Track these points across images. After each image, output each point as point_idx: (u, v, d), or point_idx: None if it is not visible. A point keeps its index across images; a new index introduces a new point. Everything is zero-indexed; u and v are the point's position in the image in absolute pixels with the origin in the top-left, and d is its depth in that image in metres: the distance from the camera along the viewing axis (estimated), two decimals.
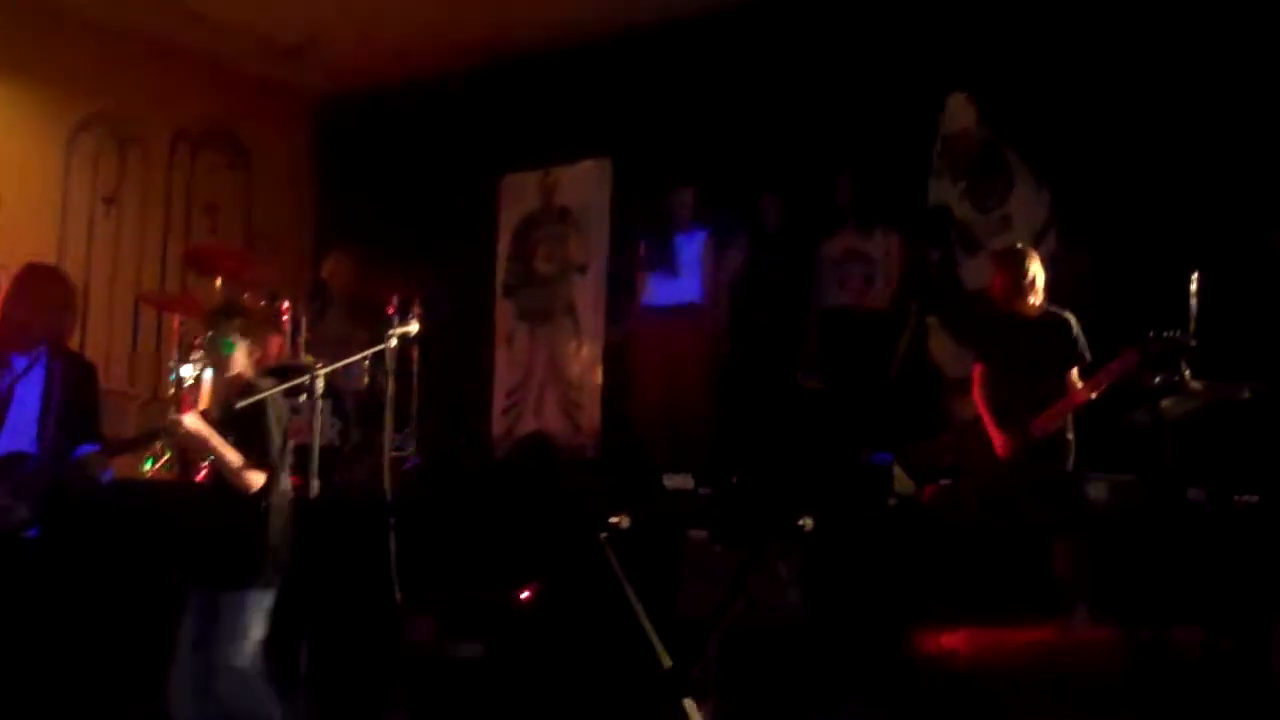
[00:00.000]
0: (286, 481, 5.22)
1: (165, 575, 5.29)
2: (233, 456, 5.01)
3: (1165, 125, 7.37)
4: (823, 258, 8.38)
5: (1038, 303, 6.43)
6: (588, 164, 10.04)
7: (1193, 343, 5.70)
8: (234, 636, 4.95)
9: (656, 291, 8.59)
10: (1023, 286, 6.38)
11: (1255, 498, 5.80)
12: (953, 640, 5.29)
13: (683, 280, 8.48)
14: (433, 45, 9.95)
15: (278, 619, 5.08)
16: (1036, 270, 6.42)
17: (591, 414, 9.70)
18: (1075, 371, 6.26)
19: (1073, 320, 6.36)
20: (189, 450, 6.72)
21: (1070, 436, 6.32)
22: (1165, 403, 5.71)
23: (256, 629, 5.00)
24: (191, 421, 5.03)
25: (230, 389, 5.18)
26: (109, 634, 6.32)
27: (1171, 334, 5.74)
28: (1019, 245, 6.73)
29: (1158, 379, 5.72)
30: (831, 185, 8.36)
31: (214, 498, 5.22)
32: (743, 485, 6.74)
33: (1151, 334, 5.80)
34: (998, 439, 6.34)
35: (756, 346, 8.43)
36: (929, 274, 8.26)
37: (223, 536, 5.07)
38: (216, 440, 5.02)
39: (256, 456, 5.04)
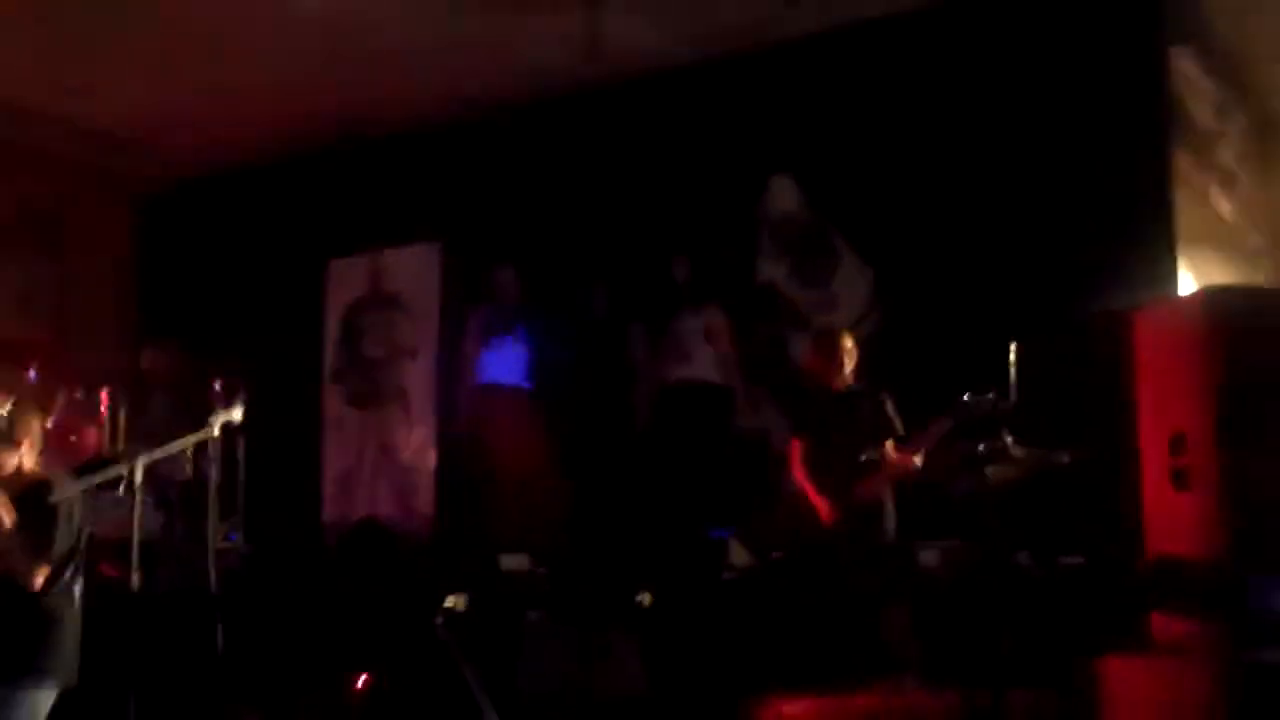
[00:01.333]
0: (78, 580, 5.07)
1: None
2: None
3: (986, 203, 7.60)
4: (670, 333, 8.49)
5: (850, 379, 6.62)
6: (417, 248, 10.02)
7: (1008, 404, 5.87)
8: None
9: (485, 370, 8.60)
10: (835, 365, 6.60)
11: (1079, 559, 5.99)
12: (791, 709, 5.32)
13: (510, 360, 8.50)
14: (256, 130, 9.85)
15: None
16: (849, 349, 6.65)
17: (425, 497, 9.61)
18: (890, 443, 6.40)
19: (886, 397, 6.55)
20: None
21: (890, 506, 6.45)
22: (989, 469, 5.86)
23: None
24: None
25: (15, 485, 5.02)
26: None
27: (984, 396, 5.91)
28: (833, 327, 6.99)
29: (981, 446, 5.87)
30: (666, 265, 8.48)
31: None
32: (579, 563, 6.74)
33: (965, 396, 5.97)
34: (821, 507, 6.43)
35: (590, 425, 8.46)
36: (757, 350, 8.40)
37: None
38: None
39: (40, 553, 4.90)
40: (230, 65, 8.76)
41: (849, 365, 6.62)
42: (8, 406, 6.74)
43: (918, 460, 6.22)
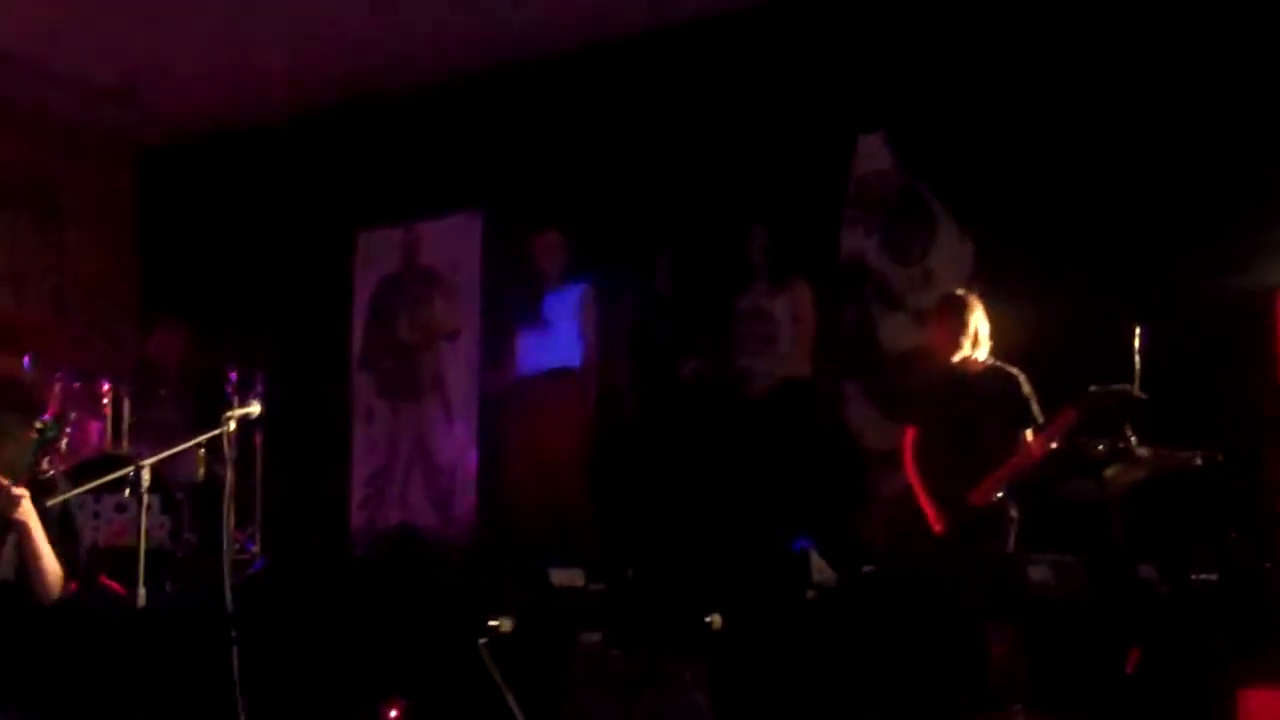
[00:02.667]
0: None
1: None
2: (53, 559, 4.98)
3: (1102, 165, 7.54)
4: (743, 314, 8.42)
5: (980, 357, 6.52)
6: (455, 218, 10.06)
7: (1141, 396, 5.81)
8: None
9: (528, 354, 8.52)
10: (963, 338, 6.49)
11: (1214, 576, 5.92)
12: None
13: (557, 341, 8.42)
14: (274, 84, 9.91)
15: None
16: (979, 320, 6.53)
17: (465, 502, 9.66)
18: (1029, 433, 6.32)
19: (1021, 377, 6.45)
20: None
21: (1014, 514, 6.40)
22: (1110, 472, 5.81)
23: None
24: (28, 505, 5.00)
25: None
26: None
27: (1115, 387, 5.85)
28: (959, 291, 6.84)
29: (1101, 446, 5.82)
30: (740, 238, 8.41)
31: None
32: (640, 579, 6.73)
33: (1093, 388, 5.90)
34: (932, 513, 6.40)
35: (651, 418, 8.44)
36: (843, 334, 8.35)
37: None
38: (41, 534, 4.98)
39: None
40: (245, 8, 8.79)
41: (981, 336, 6.52)
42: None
43: (1041, 455, 6.15)
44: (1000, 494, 6.31)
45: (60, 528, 5.17)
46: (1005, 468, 6.27)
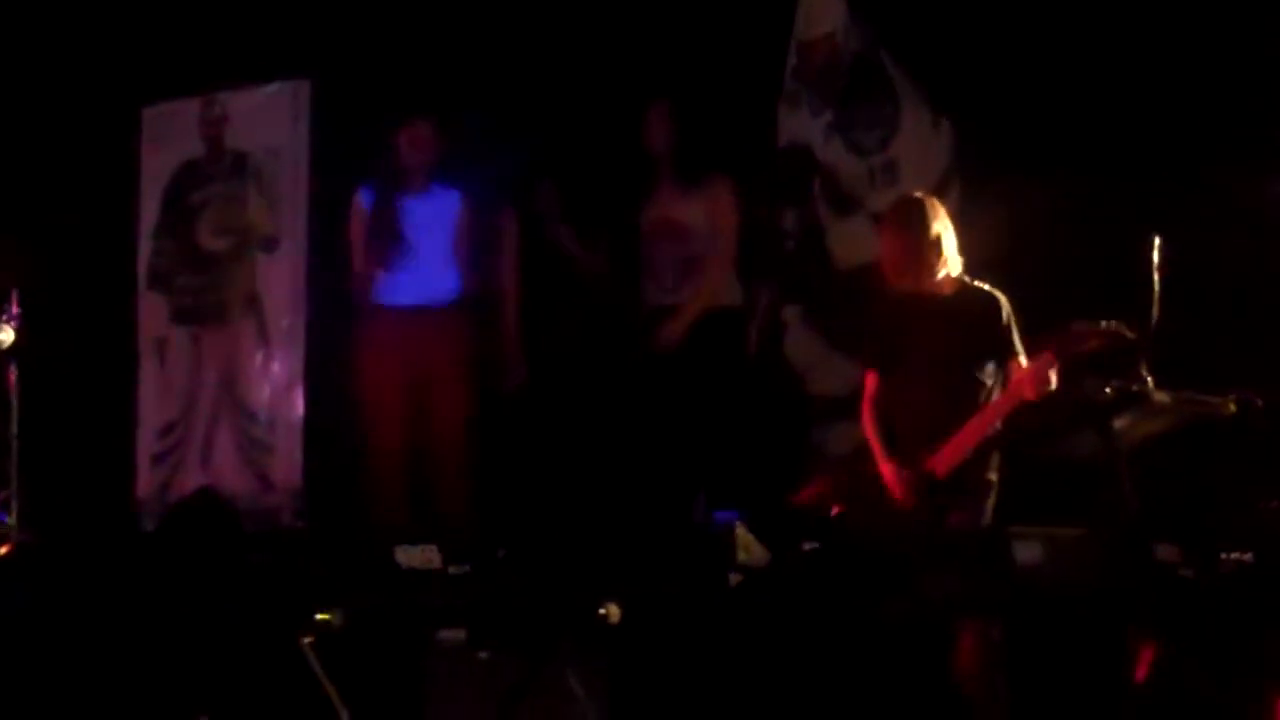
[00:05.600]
0: None
1: None
2: None
3: (1114, 31, 7.57)
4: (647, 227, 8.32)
5: (950, 275, 6.61)
6: (273, 88, 10.04)
7: (1134, 335, 5.89)
8: None
9: (383, 273, 8.48)
10: (925, 252, 6.56)
11: (1247, 555, 6.03)
12: None
13: (423, 262, 8.42)
14: None
15: None
16: (944, 228, 6.61)
17: (288, 460, 9.68)
18: (1016, 363, 6.42)
19: (1002, 300, 6.54)
20: None
21: (993, 477, 6.49)
22: (1120, 423, 5.88)
23: None
24: None
25: None
26: None
27: (1104, 324, 5.93)
28: (917, 195, 6.91)
29: (1109, 388, 5.89)
30: (637, 124, 8.33)
31: None
32: (515, 560, 6.77)
33: (1075, 326, 5.99)
34: (890, 477, 6.48)
35: (540, 363, 8.45)
36: (782, 245, 8.40)
37: None
38: None
39: None
40: None
41: (944, 252, 6.60)
42: None
43: (1052, 379, 6.21)
44: (968, 459, 6.39)
45: None
46: (966, 431, 6.36)
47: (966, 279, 6.62)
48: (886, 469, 6.53)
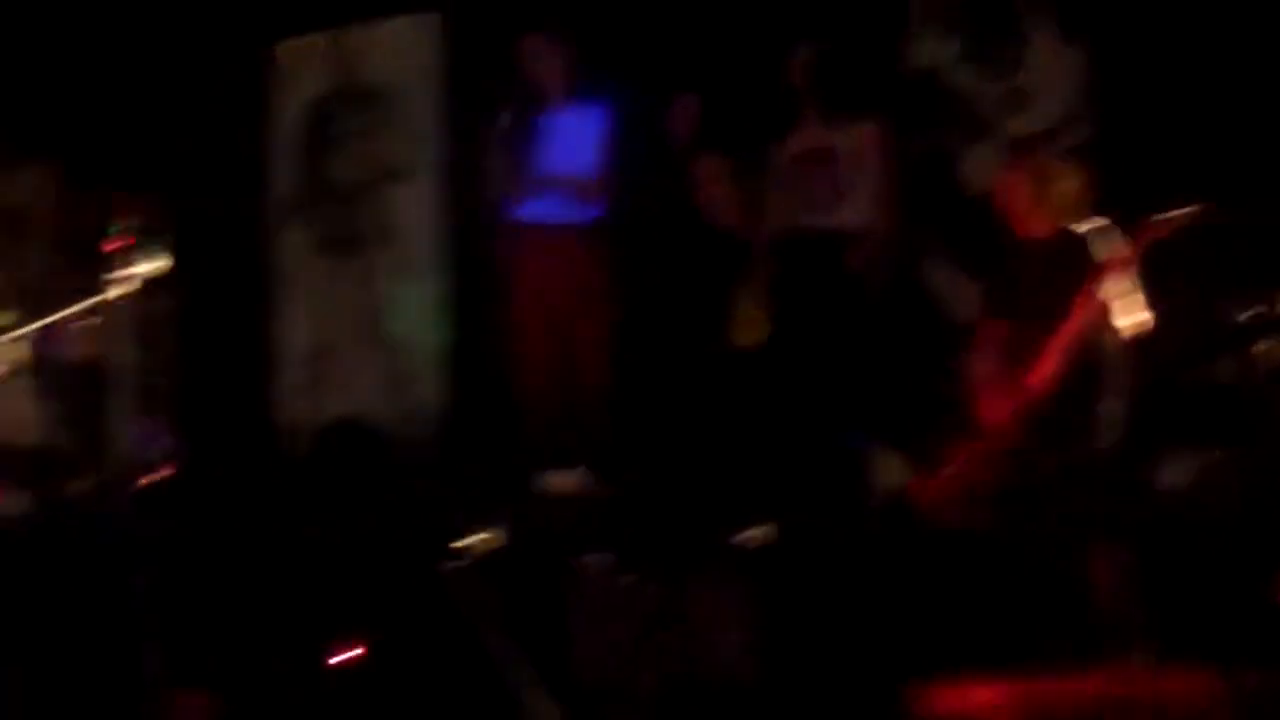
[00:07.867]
0: None
1: None
2: None
3: None
4: (776, 165, 8.39)
5: (1059, 223, 6.54)
6: (403, 21, 10.04)
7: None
8: None
9: (520, 196, 8.41)
10: (1044, 197, 6.53)
11: None
12: (976, 698, 5.37)
13: (567, 184, 8.35)
14: None
15: None
16: (1069, 181, 6.56)
17: (430, 388, 9.72)
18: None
19: (1094, 235, 6.38)
20: None
21: (1106, 405, 6.37)
22: (1260, 346, 5.83)
23: None
24: None
25: None
26: None
27: (1190, 208, 5.88)
28: (1031, 136, 6.84)
29: (1247, 313, 5.84)
30: (778, 63, 8.33)
31: None
32: (658, 484, 6.80)
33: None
34: (984, 403, 6.45)
35: (676, 291, 8.45)
36: (917, 172, 8.35)
37: None
38: None
39: None
40: None
41: (1070, 196, 6.53)
42: None
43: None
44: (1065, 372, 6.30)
45: None
46: (1060, 335, 6.25)
47: (1068, 225, 6.54)
48: (983, 398, 6.47)
